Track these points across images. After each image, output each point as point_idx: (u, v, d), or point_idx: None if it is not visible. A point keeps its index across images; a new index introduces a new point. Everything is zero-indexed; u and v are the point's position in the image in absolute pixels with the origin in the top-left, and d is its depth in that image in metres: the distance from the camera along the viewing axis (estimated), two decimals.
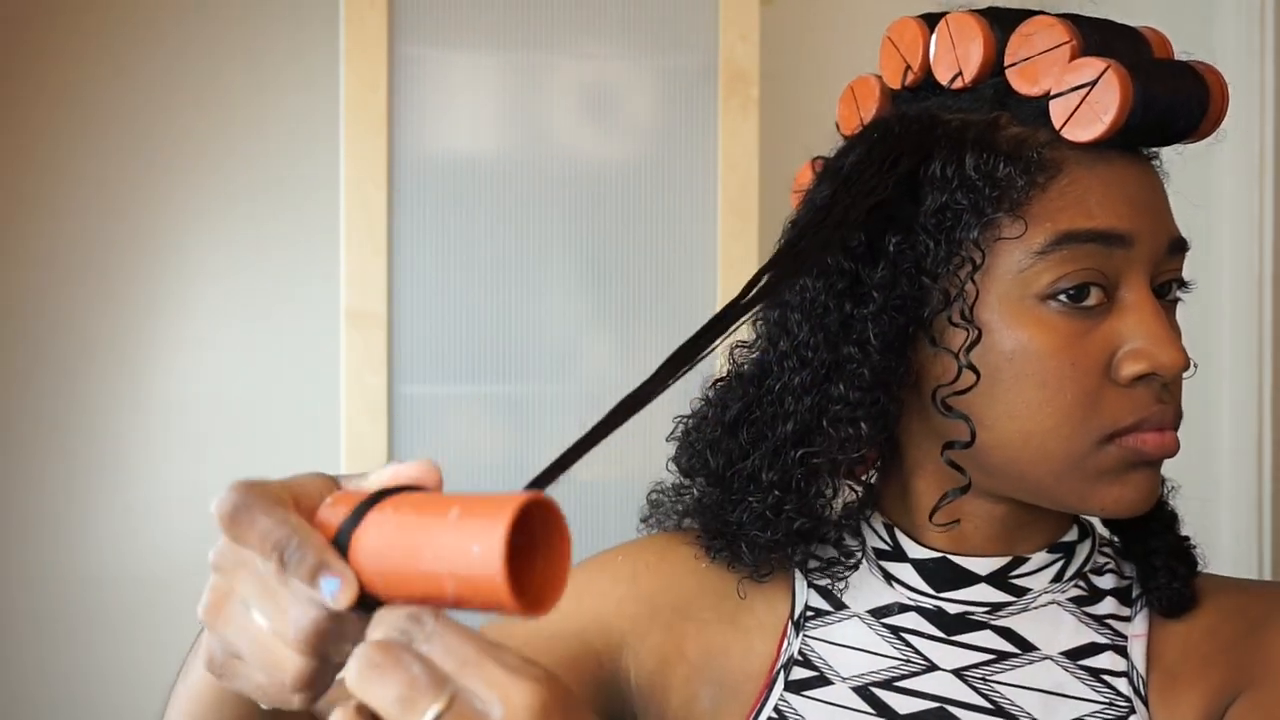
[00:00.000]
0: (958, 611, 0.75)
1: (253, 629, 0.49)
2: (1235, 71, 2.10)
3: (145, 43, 1.94)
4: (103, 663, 1.91)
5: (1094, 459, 0.70)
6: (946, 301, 0.71)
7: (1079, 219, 0.69)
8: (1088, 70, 0.69)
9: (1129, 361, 0.70)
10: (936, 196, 0.71)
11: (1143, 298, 0.71)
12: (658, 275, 1.80)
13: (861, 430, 0.73)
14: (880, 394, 0.72)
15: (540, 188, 1.77)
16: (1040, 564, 0.76)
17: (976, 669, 0.74)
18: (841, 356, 0.72)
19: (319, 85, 1.94)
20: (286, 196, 1.96)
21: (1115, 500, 0.71)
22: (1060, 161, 0.70)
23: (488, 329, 1.76)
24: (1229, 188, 2.10)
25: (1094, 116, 0.69)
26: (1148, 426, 0.71)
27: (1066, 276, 0.69)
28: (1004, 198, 0.70)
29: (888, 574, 0.78)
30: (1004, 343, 0.70)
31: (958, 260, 0.71)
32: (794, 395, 0.74)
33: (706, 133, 1.79)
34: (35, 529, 1.91)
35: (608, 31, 1.78)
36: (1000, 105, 0.73)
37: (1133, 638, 0.75)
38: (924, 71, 0.77)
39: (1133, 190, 0.71)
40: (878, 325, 0.71)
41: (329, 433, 1.84)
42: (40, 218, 1.92)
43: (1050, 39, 0.71)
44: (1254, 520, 2.12)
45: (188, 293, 1.95)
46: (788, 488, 0.74)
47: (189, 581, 1.95)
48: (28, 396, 1.91)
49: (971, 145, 0.71)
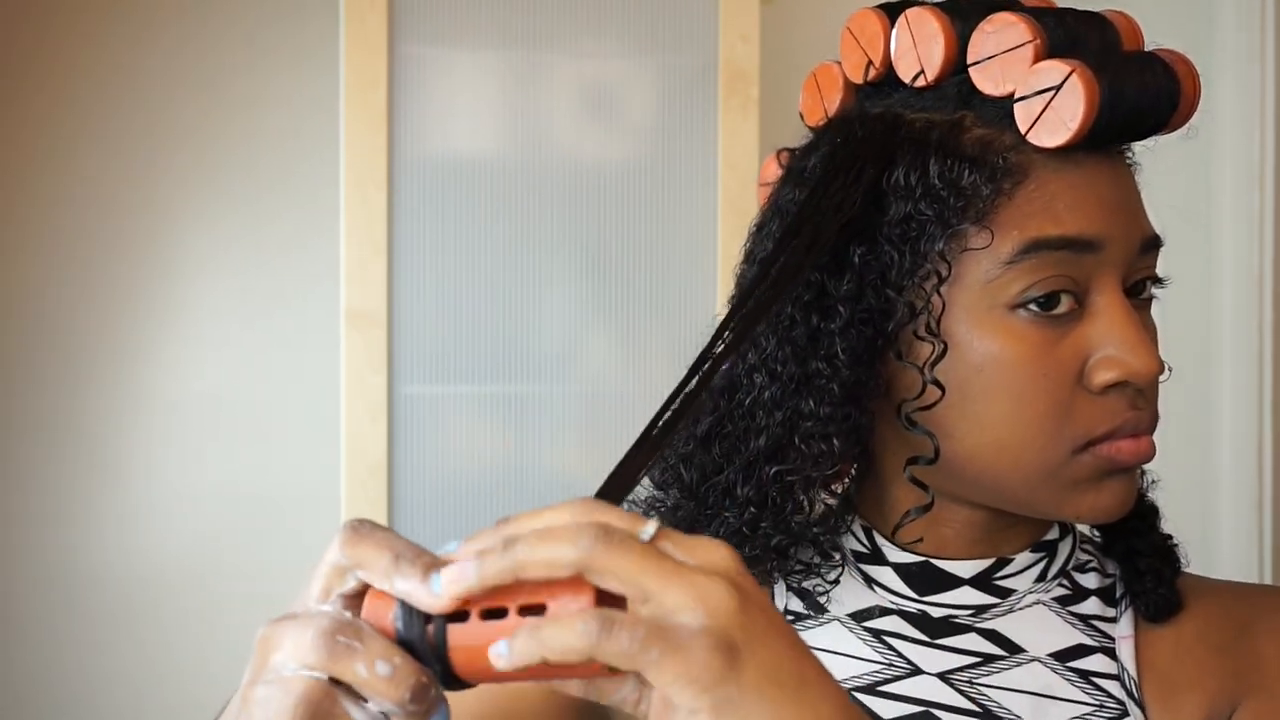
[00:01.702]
0: (941, 615, 0.74)
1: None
2: (1235, 72, 2.10)
3: (144, 42, 1.94)
4: (102, 662, 1.91)
5: (1068, 469, 0.69)
6: (912, 314, 0.69)
7: (1047, 226, 0.67)
8: (1052, 74, 0.67)
9: (1101, 369, 0.68)
10: (900, 206, 0.69)
11: (1114, 302, 0.68)
12: (658, 275, 1.80)
13: (834, 446, 0.71)
14: (851, 409, 0.70)
15: (540, 187, 1.77)
16: (1024, 564, 0.75)
17: (962, 672, 0.73)
18: (810, 371, 0.70)
19: (319, 85, 1.94)
20: (286, 196, 1.96)
21: (1091, 508, 0.70)
22: (1027, 166, 0.68)
23: (488, 329, 1.76)
24: (1229, 188, 2.10)
25: (1059, 123, 0.67)
26: (1122, 434, 0.69)
27: (1036, 285, 0.67)
28: (969, 207, 0.68)
29: (868, 577, 0.76)
30: (973, 354, 0.69)
31: (923, 272, 0.69)
32: (765, 410, 0.72)
33: (706, 133, 1.79)
34: (34, 529, 1.91)
35: (608, 31, 1.79)
36: (964, 104, 0.71)
37: (1120, 640, 0.74)
38: (886, 67, 0.74)
39: (1103, 192, 0.69)
40: (845, 340, 0.70)
41: (329, 433, 1.84)
42: (41, 219, 1.92)
43: (1013, 37, 0.69)
44: (1254, 520, 2.12)
45: (187, 292, 1.95)
46: (763, 504, 0.72)
47: (188, 581, 1.96)
48: (27, 397, 1.91)
49: (935, 150, 0.69)
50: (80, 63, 1.93)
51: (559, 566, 0.46)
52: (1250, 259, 2.10)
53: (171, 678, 1.91)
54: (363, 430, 1.71)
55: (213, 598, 1.93)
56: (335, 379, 1.78)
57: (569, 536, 0.46)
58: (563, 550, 0.46)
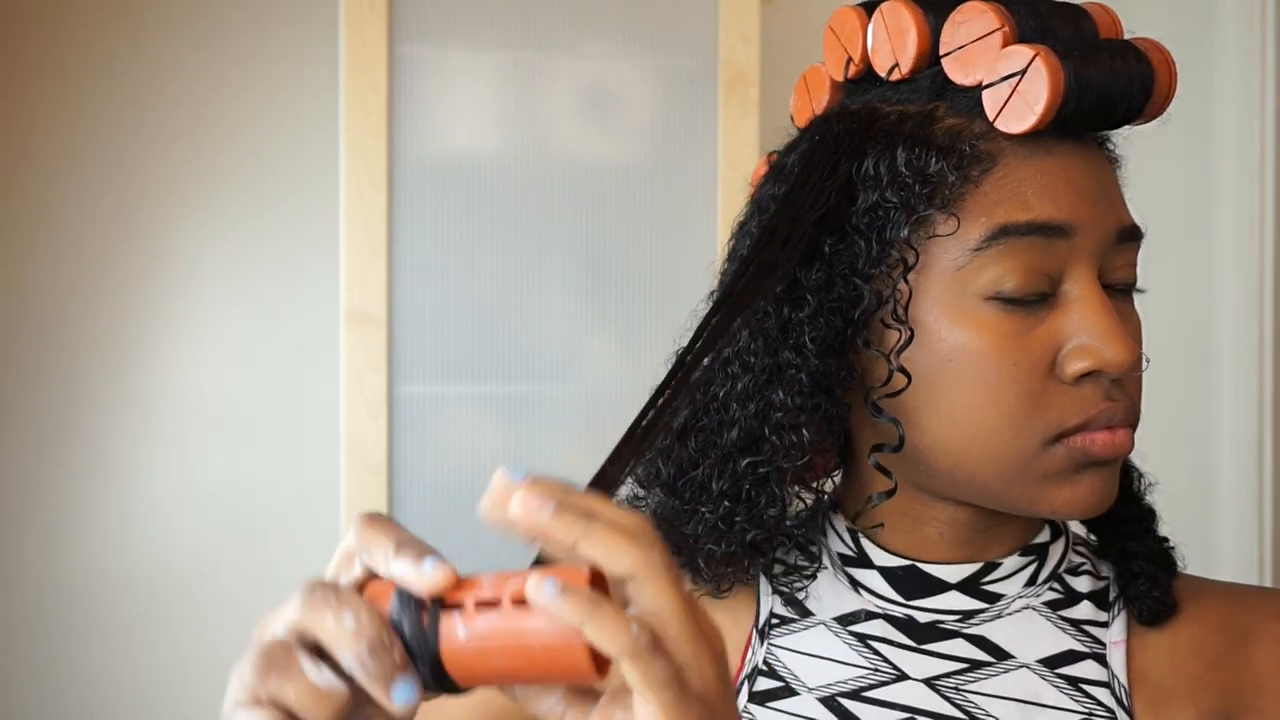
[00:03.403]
0: (928, 620, 0.73)
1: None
2: (1235, 72, 2.10)
3: (144, 42, 1.94)
4: (102, 662, 1.92)
5: (1041, 461, 0.67)
6: (880, 302, 0.69)
7: (1015, 211, 0.66)
8: (1017, 59, 0.67)
9: (1073, 358, 0.67)
10: (868, 195, 0.69)
11: (1088, 290, 0.67)
12: (658, 275, 1.80)
13: (804, 437, 0.70)
14: (821, 399, 0.70)
15: (540, 187, 1.77)
16: (1012, 568, 0.73)
17: (949, 678, 0.71)
18: (781, 361, 0.70)
19: (319, 85, 1.94)
20: (286, 197, 1.96)
21: (1066, 502, 0.68)
22: (996, 153, 0.68)
23: (488, 329, 1.76)
24: (1229, 188, 2.10)
25: (1025, 108, 0.67)
26: (1096, 426, 0.67)
27: (1006, 272, 0.66)
28: (935, 194, 0.67)
29: (854, 580, 0.75)
30: (942, 343, 0.68)
31: (890, 260, 0.68)
32: (738, 401, 0.72)
33: (706, 133, 1.79)
34: (32, 528, 1.91)
35: (608, 31, 1.79)
36: (938, 95, 0.71)
37: (1111, 645, 0.72)
38: (865, 63, 0.75)
39: (1074, 178, 0.68)
40: (814, 329, 0.69)
41: (329, 433, 1.84)
42: (41, 221, 1.92)
43: (982, 26, 0.69)
44: (1254, 520, 2.12)
45: (187, 292, 1.95)
46: (737, 498, 0.72)
47: (188, 581, 1.96)
48: (26, 397, 1.91)
49: (905, 139, 0.69)
50: (79, 63, 1.93)
51: (617, 562, 0.47)
52: (1250, 259, 2.10)
53: (171, 677, 1.91)
54: (363, 430, 1.71)
55: (212, 597, 1.93)
56: (335, 379, 1.78)
57: (644, 542, 0.47)
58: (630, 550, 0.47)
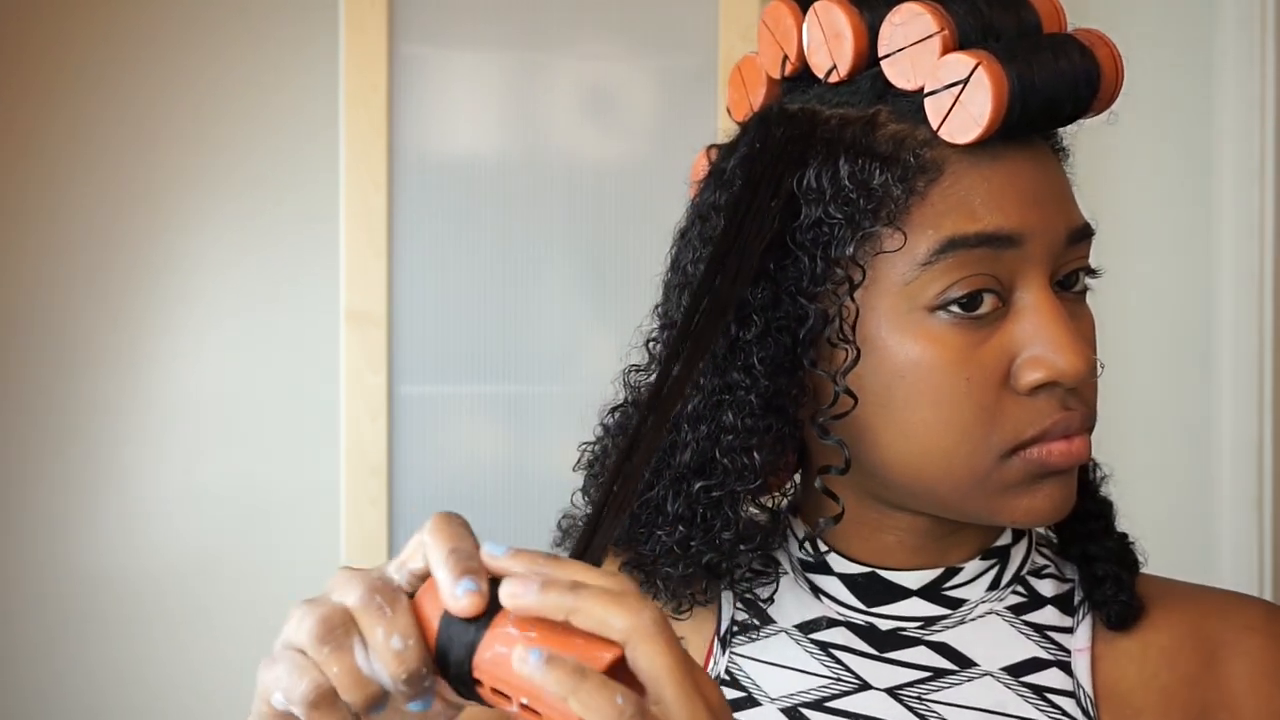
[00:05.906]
0: (890, 627, 0.71)
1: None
2: (1235, 74, 2.10)
3: (143, 42, 1.94)
4: (101, 662, 1.92)
5: (998, 474, 0.66)
6: (825, 321, 0.67)
7: (963, 223, 0.64)
8: (958, 67, 0.64)
9: (1027, 370, 0.65)
10: (811, 210, 0.66)
11: (1040, 300, 0.65)
12: (658, 275, 1.80)
13: (755, 460, 0.68)
14: (773, 419, 0.68)
15: (540, 188, 1.77)
16: (974, 573, 0.72)
17: (911, 687, 0.70)
18: (730, 382, 0.68)
19: (319, 85, 1.94)
20: (286, 196, 1.96)
21: (1026, 512, 0.67)
22: (941, 161, 0.65)
23: (488, 329, 1.76)
24: (1229, 188, 2.10)
25: (969, 118, 0.64)
26: (1053, 436, 0.66)
27: (955, 285, 0.64)
28: (881, 209, 0.65)
29: (815, 587, 0.73)
30: (895, 360, 0.66)
31: (836, 278, 0.66)
32: (689, 423, 0.70)
33: (706, 133, 1.79)
34: (32, 528, 1.91)
35: (608, 31, 1.79)
36: (879, 98, 0.68)
37: (1076, 652, 0.71)
38: (801, 62, 0.72)
39: (1022, 185, 0.66)
40: (762, 349, 0.67)
41: (329, 433, 1.84)
42: (41, 222, 1.92)
43: (920, 29, 0.66)
44: (1254, 520, 2.12)
45: (186, 292, 1.95)
46: (692, 521, 0.70)
47: (188, 580, 1.95)
48: (24, 397, 1.91)
49: (848, 149, 0.66)
50: (78, 63, 1.93)
51: (610, 629, 0.48)
52: (1250, 259, 2.10)
53: (171, 677, 1.91)
54: (363, 430, 1.71)
55: (212, 597, 1.93)
56: (335, 379, 1.78)
57: (633, 605, 0.48)
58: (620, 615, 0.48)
